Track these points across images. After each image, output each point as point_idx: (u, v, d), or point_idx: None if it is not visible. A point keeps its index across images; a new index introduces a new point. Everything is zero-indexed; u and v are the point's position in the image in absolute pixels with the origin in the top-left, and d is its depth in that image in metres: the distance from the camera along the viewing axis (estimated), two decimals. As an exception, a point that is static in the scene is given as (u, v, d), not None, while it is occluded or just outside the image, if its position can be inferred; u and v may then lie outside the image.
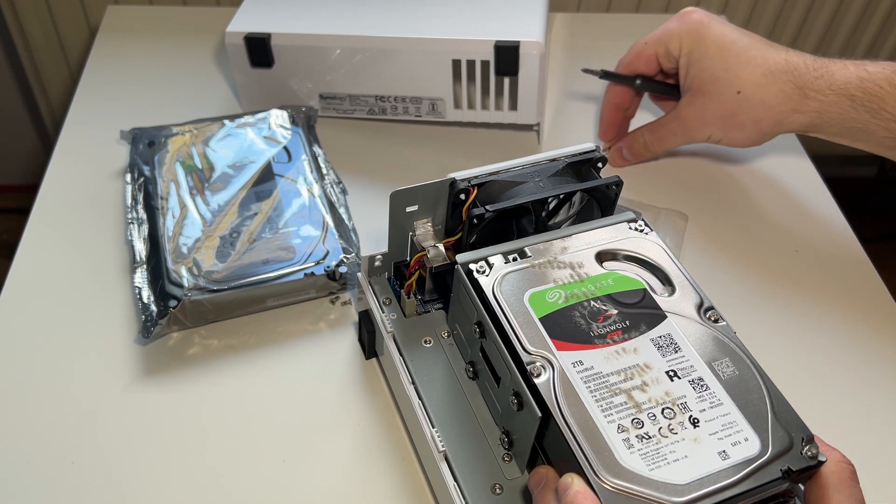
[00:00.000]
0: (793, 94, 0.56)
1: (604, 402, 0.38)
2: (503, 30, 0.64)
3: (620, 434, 0.36)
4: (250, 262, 0.53)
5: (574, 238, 0.45)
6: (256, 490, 0.45)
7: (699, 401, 0.38)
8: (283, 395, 0.49)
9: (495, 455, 0.42)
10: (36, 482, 0.44)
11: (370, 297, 0.49)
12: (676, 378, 0.39)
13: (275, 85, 0.69)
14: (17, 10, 0.99)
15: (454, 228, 0.47)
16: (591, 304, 0.42)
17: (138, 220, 0.57)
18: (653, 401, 0.38)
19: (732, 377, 0.39)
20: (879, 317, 0.57)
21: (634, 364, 0.39)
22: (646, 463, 0.36)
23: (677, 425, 0.37)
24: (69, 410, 0.48)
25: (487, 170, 0.46)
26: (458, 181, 0.45)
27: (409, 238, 0.48)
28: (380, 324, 0.48)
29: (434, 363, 0.46)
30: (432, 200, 0.47)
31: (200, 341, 0.52)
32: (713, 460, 0.36)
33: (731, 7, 1.09)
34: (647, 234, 0.46)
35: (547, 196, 0.46)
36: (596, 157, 0.48)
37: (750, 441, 0.37)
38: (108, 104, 0.71)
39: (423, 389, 0.45)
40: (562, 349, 0.39)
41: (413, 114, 0.69)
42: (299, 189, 0.59)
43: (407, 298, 0.48)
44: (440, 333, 0.48)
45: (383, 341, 0.48)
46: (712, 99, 0.59)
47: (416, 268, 0.47)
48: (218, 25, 0.77)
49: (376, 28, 0.65)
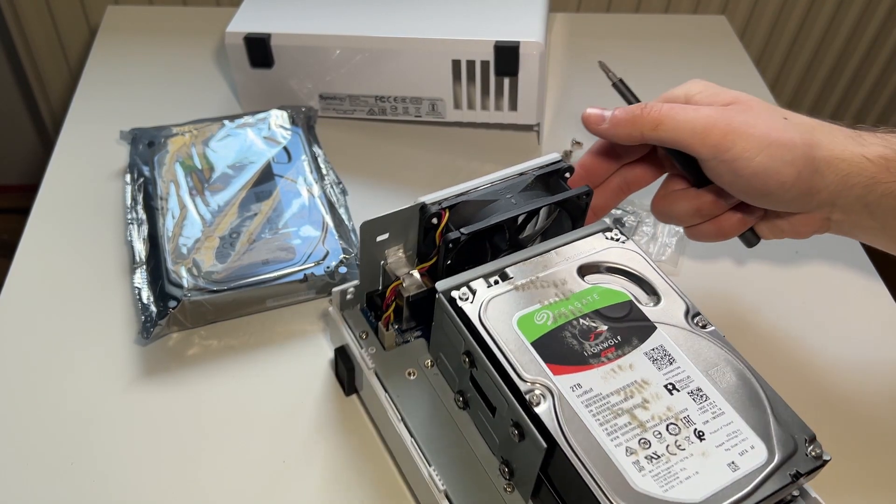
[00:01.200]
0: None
1: (608, 425, 0.37)
2: (503, 30, 0.64)
3: (630, 457, 0.36)
4: (250, 262, 0.53)
5: (553, 254, 0.44)
6: (257, 490, 0.45)
7: (701, 412, 0.38)
8: (283, 396, 0.49)
9: (496, 486, 0.41)
10: (36, 482, 0.44)
11: (346, 332, 0.47)
12: (675, 391, 0.38)
13: (274, 85, 0.69)
14: (17, 10, 0.99)
15: (427, 253, 0.45)
16: (580, 322, 0.41)
17: (138, 220, 0.57)
18: (656, 418, 0.37)
19: (729, 384, 0.39)
20: (879, 317, 0.57)
21: (633, 381, 0.39)
22: (659, 484, 0.35)
23: (684, 440, 0.37)
24: (69, 411, 0.48)
25: (456, 190, 0.45)
26: (429, 205, 0.44)
27: (381, 267, 0.46)
28: (359, 360, 0.46)
29: (420, 396, 0.45)
30: (403, 227, 0.45)
31: (200, 342, 0.52)
32: (724, 473, 0.36)
33: (731, 7, 1.09)
34: (624, 242, 0.45)
35: (521, 213, 0.45)
36: (563, 167, 0.48)
37: (756, 448, 0.37)
38: (107, 104, 0.71)
39: (413, 425, 0.43)
40: (558, 373, 0.38)
41: (413, 114, 0.69)
42: (299, 189, 0.59)
43: (385, 331, 0.46)
44: (423, 363, 0.46)
45: (363, 377, 0.46)
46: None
47: (392, 298, 0.45)
48: (218, 25, 0.77)
49: (376, 28, 0.65)
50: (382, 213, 0.43)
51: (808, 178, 0.43)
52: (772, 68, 1.19)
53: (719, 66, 0.82)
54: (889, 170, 0.43)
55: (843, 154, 0.43)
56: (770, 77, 1.20)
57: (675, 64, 0.82)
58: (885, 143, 0.44)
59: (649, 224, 0.62)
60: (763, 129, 0.43)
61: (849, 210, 0.45)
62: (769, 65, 1.19)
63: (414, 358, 0.46)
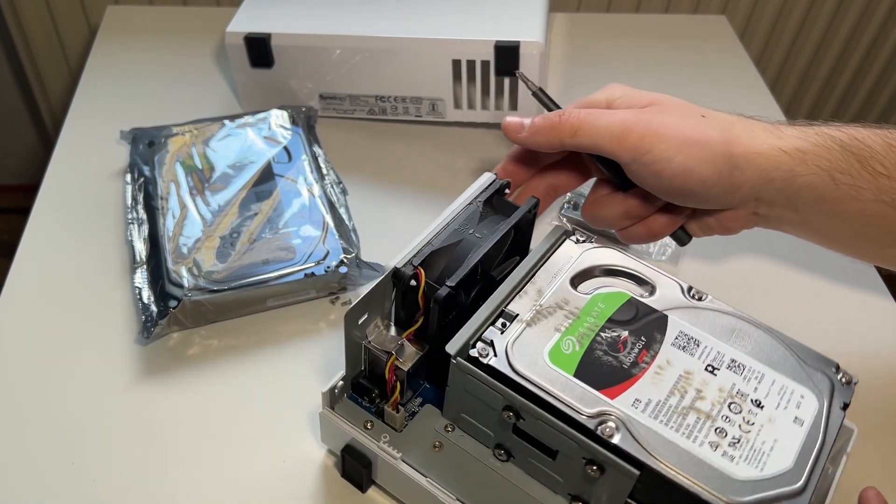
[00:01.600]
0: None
1: (683, 429, 0.36)
2: (503, 30, 0.64)
3: (717, 451, 0.36)
4: (250, 262, 0.53)
5: (540, 274, 0.43)
6: (257, 489, 0.45)
7: (747, 382, 0.39)
8: (284, 396, 0.49)
9: None
10: (36, 482, 0.44)
11: (350, 430, 0.42)
12: (717, 370, 0.39)
13: (275, 85, 0.69)
14: (17, 10, 0.99)
15: (409, 317, 0.42)
16: (602, 336, 0.40)
17: (138, 220, 0.57)
18: (716, 404, 0.38)
19: (753, 345, 0.40)
20: (879, 317, 0.58)
21: (678, 376, 0.39)
22: (754, 466, 0.36)
23: (749, 415, 0.37)
24: (69, 411, 0.48)
25: (419, 243, 0.42)
26: (402, 269, 0.41)
27: (363, 347, 0.42)
28: (381, 453, 0.41)
29: (456, 464, 0.41)
30: (379, 300, 0.42)
31: (200, 341, 0.52)
32: (795, 430, 0.37)
33: (731, 7, 1.09)
34: (593, 240, 0.45)
35: (492, 244, 0.42)
36: (501, 185, 0.47)
37: (806, 397, 0.39)
38: (108, 104, 0.71)
39: (464, 494, 0.40)
40: (614, 396, 0.37)
41: (413, 114, 0.69)
42: (299, 189, 0.59)
43: (396, 413, 0.42)
44: (440, 430, 0.43)
45: (386, 469, 0.42)
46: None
47: (394, 377, 0.42)
48: (218, 25, 0.77)
49: (376, 28, 0.65)
50: (358, 299, 0.40)
51: (728, 174, 0.43)
52: (772, 68, 1.19)
53: (719, 66, 0.82)
54: (805, 162, 0.43)
55: (761, 148, 0.43)
56: (770, 77, 1.20)
57: (675, 64, 0.82)
58: (801, 135, 0.44)
59: (649, 224, 0.62)
60: (680, 129, 0.43)
61: (772, 204, 0.45)
62: (769, 65, 1.19)
63: (429, 428, 0.43)
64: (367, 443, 0.42)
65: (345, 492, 0.45)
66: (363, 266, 0.54)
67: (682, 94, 0.46)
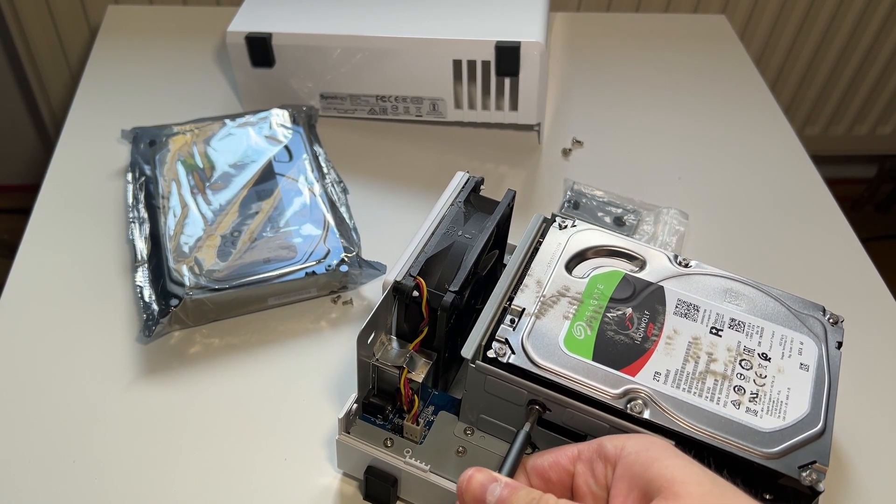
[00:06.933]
0: None
1: (705, 393, 0.38)
2: (504, 30, 0.64)
3: (740, 409, 0.37)
4: (251, 261, 0.53)
5: (535, 265, 0.43)
6: (258, 489, 0.45)
7: (750, 338, 0.40)
8: (285, 394, 0.49)
9: None
10: (37, 481, 0.44)
11: (372, 451, 0.41)
12: (721, 331, 0.41)
13: (276, 84, 0.69)
14: (17, 10, 0.99)
15: (413, 329, 0.42)
16: (609, 316, 0.41)
17: (139, 219, 0.57)
18: (728, 363, 0.39)
19: (747, 302, 0.42)
20: (879, 317, 0.58)
21: (688, 343, 0.40)
22: (776, 417, 0.37)
23: (759, 368, 0.39)
24: (70, 409, 0.48)
25: (412, 252, 0.42)
26: (402, 282, 0.41)
27: (371, 366, 0.42)
28: (409, 469, 0.41)
29: (487, 466, 0.38)
30: (384, 317, 0.42)
31: (202, 340, 0.52)
32: (804, 377, 0.39)
33: (731, 7, 1.09)
34: (576, 224, 0.46)
35: (484, 242, 0.43)
36: (476, 182, 0.47)
37: (805, 343, 0.41)
38: (108, 104, 0.71)
39: None
40: (635, 373, 0.38)
41: (414, 114, 0.69)
42: (300, 188, 0.59)
43: (416, 426, 0.42)
44: (461, 434, 0.43)
45: (414, 484, 0.41)
46: None
47: (410, 391, 0.41)
48: (218, 25, 0.77)
49: (377, 28, 0.65)
50: (365, 321, 0.39)
51: None
52: (772, 68, 1.19)
53: (719, 66, 0.82)
54: None
55: None
56: (770, 77, 1.20)
57: (675, 64, 0.82)
58: None
59: (649, 223, 0.62)
60: None
61: None
62: (769, 65, 1.19)
63: (449, 434, 0.43)
64: (391, 461, 0.41)
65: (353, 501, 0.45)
66: (364, 265, 0.54)
67: (683, 94, 0.45)
